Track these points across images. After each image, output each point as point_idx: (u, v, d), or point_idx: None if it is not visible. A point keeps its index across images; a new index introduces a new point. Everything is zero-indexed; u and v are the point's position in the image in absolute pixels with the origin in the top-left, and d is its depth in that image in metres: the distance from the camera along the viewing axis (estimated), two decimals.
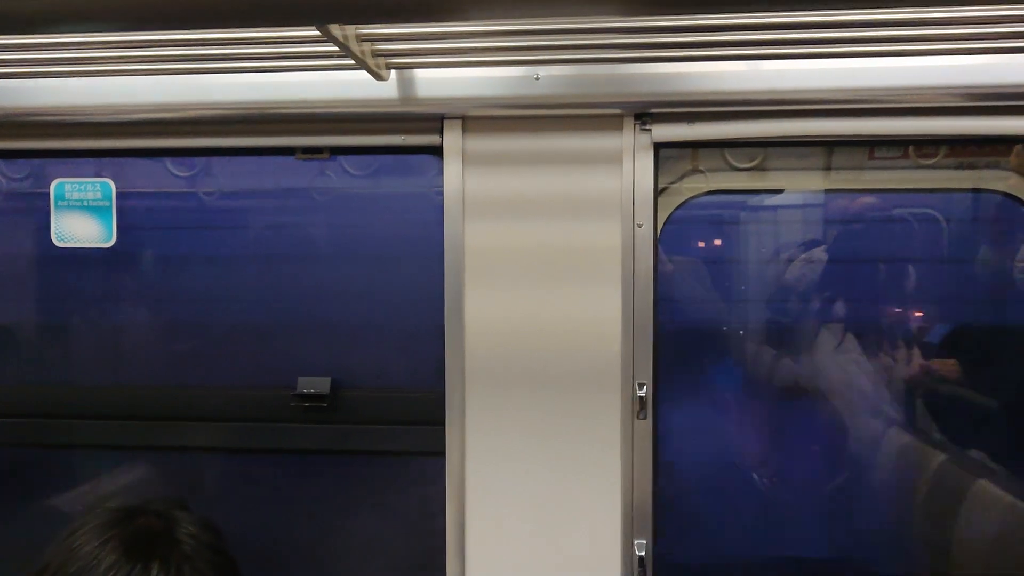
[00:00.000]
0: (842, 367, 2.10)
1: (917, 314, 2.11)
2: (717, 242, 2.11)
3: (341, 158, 1.91)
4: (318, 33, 1.32)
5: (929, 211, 2.08)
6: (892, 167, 1.91)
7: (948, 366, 2.07)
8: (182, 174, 2.02)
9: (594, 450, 1.71)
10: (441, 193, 1.73)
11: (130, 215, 1.92)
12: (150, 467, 2.02)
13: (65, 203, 1.88)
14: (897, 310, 2.13)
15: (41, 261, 2.02)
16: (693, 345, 2.13)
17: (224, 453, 1.99)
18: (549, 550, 1.73)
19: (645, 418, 1.71)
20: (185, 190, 2.02)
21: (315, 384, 1.88)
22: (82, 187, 1.88)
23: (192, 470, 2.01)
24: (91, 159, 1.91)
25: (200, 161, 2.01)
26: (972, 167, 1.90)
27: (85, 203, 1.87)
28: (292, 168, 1.89)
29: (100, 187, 1.88)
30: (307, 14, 1.16)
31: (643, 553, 1.72)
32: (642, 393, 1.70)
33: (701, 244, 2.09)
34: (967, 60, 1.55)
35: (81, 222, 1.88)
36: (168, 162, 2.01)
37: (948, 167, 1.90)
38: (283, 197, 1.97)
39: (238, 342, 2.00)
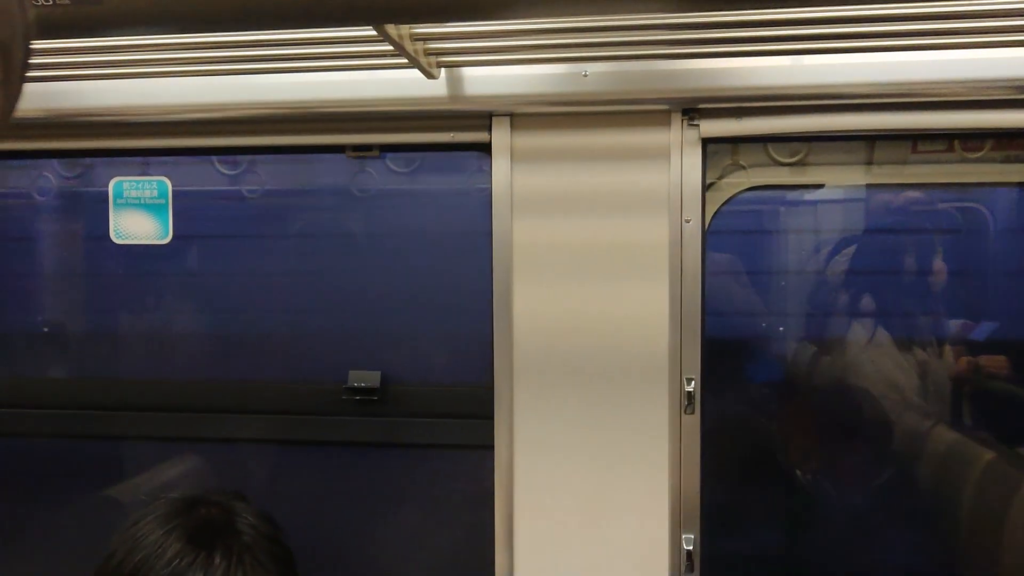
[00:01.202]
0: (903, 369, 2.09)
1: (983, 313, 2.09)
2: (768, 237, 2.10)
3: (389, 156, 1.93)
4: (374, 33, 1.34)
5: (977, 206, 2.06)
6: (936, 161, 1.90)
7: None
8: (231, 172, 2.05)
9: (642, 444, 1.72)
10: (489, 190, 1.75)
11: (185, 212, 1.96)
12: (208, 458, 2.07)
13: (123, 201, 1.92)
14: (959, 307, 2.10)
15: (103, 257, 2.08)
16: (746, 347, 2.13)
17: (278, 445, 2.04)
18: (597, 543, 1.74)
19: (693, 413, 1.72)
20: (236, 188, 2.06)
21: (365, 378, 1.91)
22: (139, 185, 1.92)
23: (248, 461, 2.06)
24: (140, 158, 1.97)
25: (247, 159, 2.05)
26: (1020, 160, 1.88)
27: (142, 201, 1.92)
28: (342, 165, 1.92)
29: (157, 185, 1.92)
30: (367, 15, 1.19)
31: (691, 547, 1.73)
32: (690, 388, 1.71)
33: (750, 239, 2.09)
34: (1013, 52, 1.53)
35: (139, 219, 1.93)
36: (216, 160, 2.05)
37: (995, 161, 1.88)
38: (335, 194, 2.01)
39: (292, 337, 2.04)
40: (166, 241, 1.94)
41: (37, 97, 1.78)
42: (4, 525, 2.18)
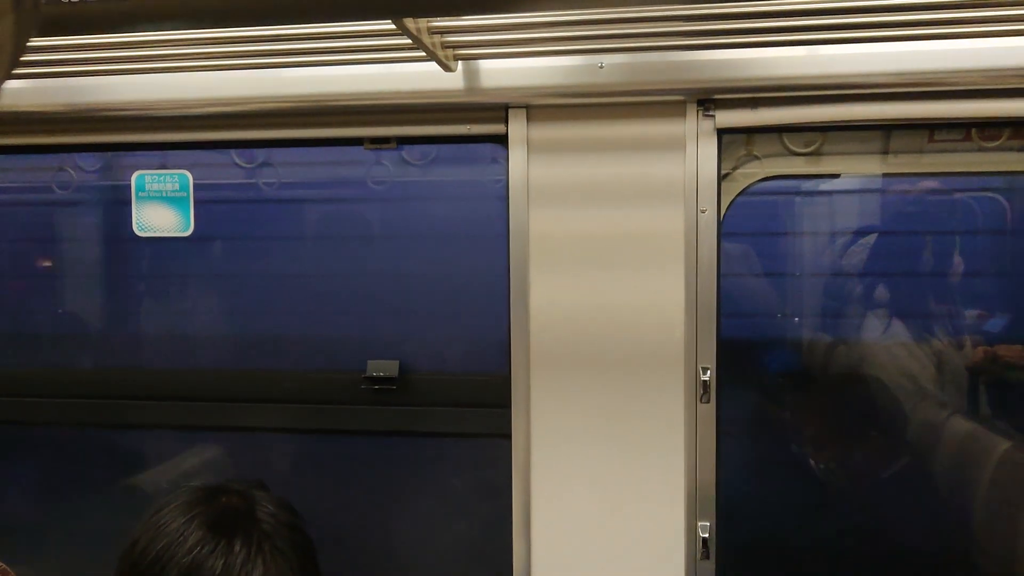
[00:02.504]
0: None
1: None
2: (784, 227, 2.10)
3: (406, 149, 1.95)
4: (392, 26, 1.35)
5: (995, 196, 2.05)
6: (953, 150, 1.89)
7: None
8: (249, 165, 2.07)
9: (658, 433, 1.73)
10: (505, 181, 1.76)
11: (204, 205, 1.98)
12: (229, 447, 2.10)
13: (145, 194, 1.95)
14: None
15: (125, 249, 2.11)
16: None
17: (298, 433, 2.06)
18: (613, 531, 1.76)
19: (708, 402, 1.73)
20: (254, 181, 2.08)
21: (384, 367, 1.93)
22: (161, 179, 1.94)
23: (268, 450, 2.08)
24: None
25: (265, 152, 2.07)
26: None
27: (164, 194, 1.94)
28: (361, 157, 1.94)
29: (178, 178, 1.94)
30: (385, 9, 1.21)
31: (707, 535, 1.74)
32: (705, 377, 1.71)
33: (766, 229, 2.09)
34: None
35: (161, 212, 1.95)
36: (234, 154, 2.07)
37: (1013, 150, 1.87)
38: (353, 186, 2.02)
39: (311, 327, 2.06)
40: (187, 234, 1.96)
41: (57, 92, 1.80)
42: (30, 513, 2.22)
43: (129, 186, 1.95)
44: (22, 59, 1.49)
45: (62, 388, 2.12)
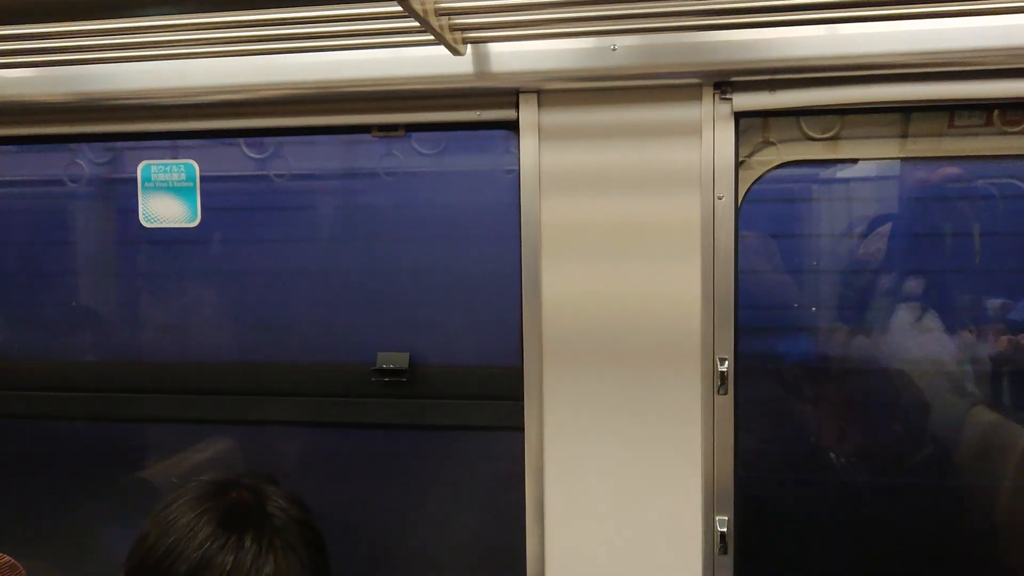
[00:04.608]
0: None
1: None
2: (805, 216, 2.05)
3: (416, 137, 1.92)
4: (399, 8, 1.32)
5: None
6: (975, 134, 1.85)
7: None
8: (258, 155, 2.05)
9: (674, 426, 1.70)
10: (516, 169, 1.73)
11: (211, 196, 1.96)
12: (238, 440, 2.09)
13: (152, 184, 1.93)
14: None
15: (132, 242, 2.10)
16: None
17: (308, 427, 2.04)
18: (629, 525, 1.73)
19: (726, 393, 1.69)
20: (261, 172, 2.05)
21: (394, 360, 1.91)
22: (167, 168, 1.92)
23: (278, 443, 2.07)
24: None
25: (273, 141, 2.04)
26: None
27: (171, 184, 1.92)
28: (370, 148, 1.92)
29: (184, 168, 1.92)
30: None
31: (724, 529, 1.71)
32: (723, 368, 1.68)
33: (784, 218, 2.04)
34: None
35: (167, 203, 1.93)
36: (243, 143, 2.05)
37: None
38: (363, 176, 2.00)
39: (320, 319, 2.04)
40: (194, 224, 1.94)
41: (61, 80, 1.78)
42: (40, 507, 2.21)
43: (135, 176, 1.93)
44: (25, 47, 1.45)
45: (69, 381, 2.11)
